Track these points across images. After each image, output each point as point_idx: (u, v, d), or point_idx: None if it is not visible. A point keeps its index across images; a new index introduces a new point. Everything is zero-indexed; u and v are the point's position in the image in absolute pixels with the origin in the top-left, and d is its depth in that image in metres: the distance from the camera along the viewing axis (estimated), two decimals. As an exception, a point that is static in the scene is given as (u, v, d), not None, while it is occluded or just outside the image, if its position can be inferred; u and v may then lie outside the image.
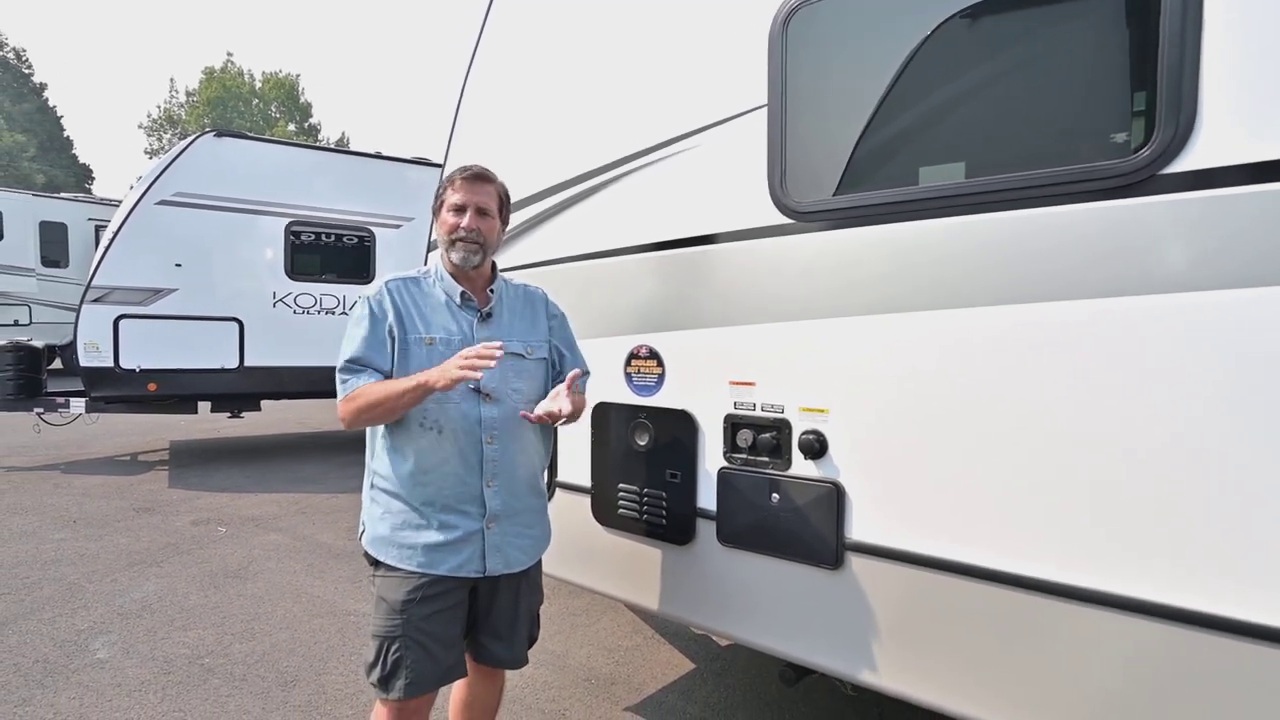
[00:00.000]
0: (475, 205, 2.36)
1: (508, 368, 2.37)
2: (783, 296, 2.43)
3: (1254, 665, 1.66)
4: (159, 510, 7.14)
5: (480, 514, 2.33)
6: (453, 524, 2.30)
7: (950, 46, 2.13)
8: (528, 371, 2.45)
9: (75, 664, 3.96)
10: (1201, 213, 1.70)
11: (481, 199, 2.38)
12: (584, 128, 3.11)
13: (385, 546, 2.33)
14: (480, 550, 2.33)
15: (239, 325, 9.27)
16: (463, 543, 2.30)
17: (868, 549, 2.27)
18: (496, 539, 2.35)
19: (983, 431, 2.03)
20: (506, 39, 3.50)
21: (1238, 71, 1.67)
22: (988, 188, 2.00)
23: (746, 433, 2.52)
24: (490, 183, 2.43)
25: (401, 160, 10.81)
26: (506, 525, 2.38)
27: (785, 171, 2.39)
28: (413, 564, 2.29)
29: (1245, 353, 1.65)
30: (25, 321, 16.02)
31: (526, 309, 2.54)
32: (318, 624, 4.54)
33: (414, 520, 2.31)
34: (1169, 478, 1.75)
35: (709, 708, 3.61)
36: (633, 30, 2.95)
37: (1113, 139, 1.86)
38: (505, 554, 2.37)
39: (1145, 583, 1.78)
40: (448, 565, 2.29)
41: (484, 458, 2.32)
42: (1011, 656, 2.00)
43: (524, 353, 2.44)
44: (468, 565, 2.31)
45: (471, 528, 2.32)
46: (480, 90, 3.61)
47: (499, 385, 2.35)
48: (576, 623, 4.62)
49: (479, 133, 3.61)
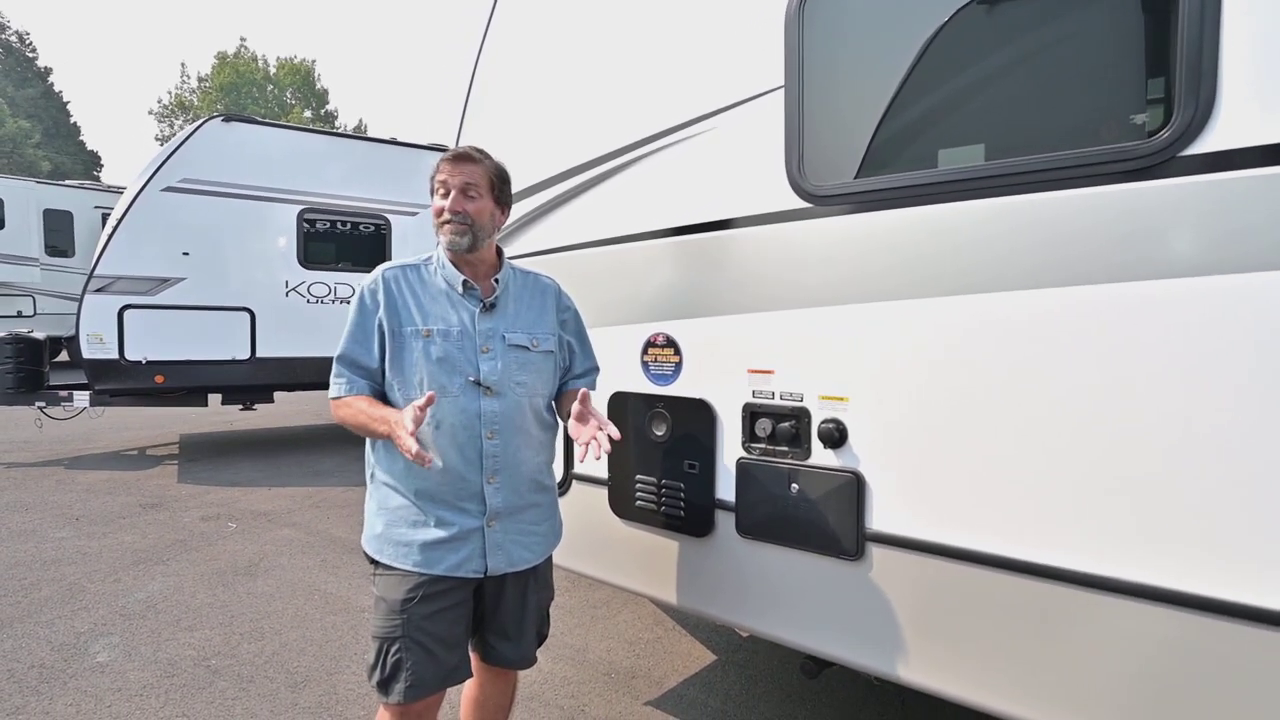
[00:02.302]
0: (459, 185, 2.31)
1: (511, 360, 2.35)
2: (801, 282, 2.47)
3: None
4: (166, 506, 7.18)
5: (480, 511, 2.31)
6: (451, 521, 2.29)
7: (966, 28, 2.17)
8: (533, 364, 2.41)
9: (74, 668, 3.94)
10: (1222, 194, 1.74)
11: (465, 178, 2.32)
12: (597, 111, 3.15)
13: (382, 544, 2.33)
14: (481, 548, 2.32)
15: (250, 315, 9.40)
16: (460, 541, 2.29)
17: (889, 539, 2.32)
18: (498, 537, 2.34)
19: (1005, 418, 2.07)
20: (517, 23, 3.56)
21: (1258, 52, 1.71)
22: (1010, 170, 2.04)
23: (765, 422, 2.57)
24: (476, 162, 2.36)
25: (417, 146, 10.92)
26: (509, 523, 2.36)
27: (803, 155, 2.44)
28: (409, 562, 2.28)
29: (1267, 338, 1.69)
30: (29, 313, 16.14)
31: (535, 299, 2.52)
32: (330, 622, 4.56)
33: (410, 516, 2.30)
34: (1193, 464, 1.79)
35: (730, 700, 3.67)
36: (646, 11, 3.00)
37: (1132, 121, 1.90)
38: (508, 552, 2.37)
39: (1172, 572, 1.82)
40: (446, 564, 2.28)
41: (484, 453, 2.30)
42: (1036, 648, 2.05)
43: (529, 345, 2.41)
44: (467, 564, 2.30)
45: (470, 525, 2.30)
46: (491, 75, 3.67)
47: (501, 378, 2.33)
48: (597, 615, 4.68)
49: (490, 117, 3.67)
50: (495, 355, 2.33)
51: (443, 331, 2.30)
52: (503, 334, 2.37)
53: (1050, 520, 2.00)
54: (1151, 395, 1.83)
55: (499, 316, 2.39)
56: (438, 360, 2.27)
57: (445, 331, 2.31)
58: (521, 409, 2.36)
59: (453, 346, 2.29)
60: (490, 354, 2.33)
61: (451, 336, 2.30)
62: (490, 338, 2.34)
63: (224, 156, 9.24)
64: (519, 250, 3.36)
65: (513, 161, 2.52)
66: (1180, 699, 1.84)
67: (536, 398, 2.42)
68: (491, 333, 2.35)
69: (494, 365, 2.31)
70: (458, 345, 2.30)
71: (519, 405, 2.35)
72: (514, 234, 3.44)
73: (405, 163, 10.64)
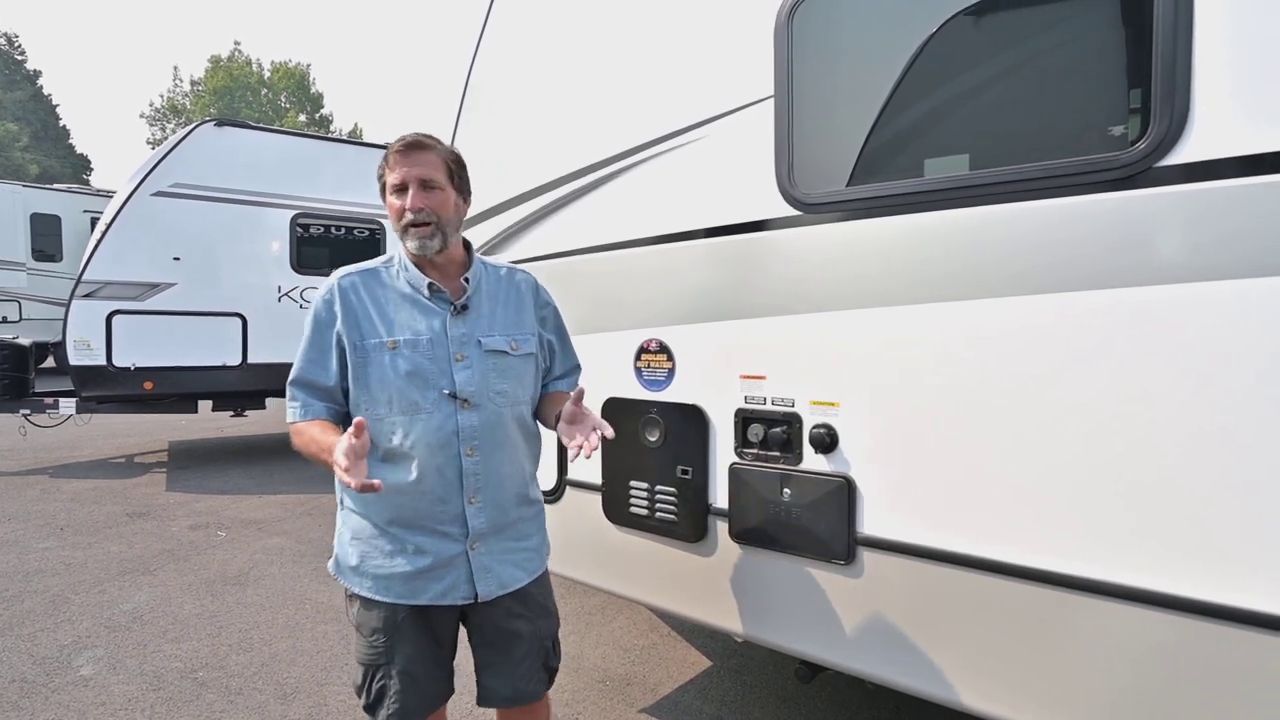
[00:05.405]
0: (417, 179, 2.10)
1: (489, 368, 2.18)
2: (791, 289, 2.53)
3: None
4: (154, 515, 7.15)
5: (463, 534, 2.15)
6: (429, 548, 2.13)
7: (951, 40, 2.24)
8: (513, 371, 2.24)
9: (56, 682, 3.90)
10: (1198, 204, 1.81)
11: (422, 170, 2.11)
12: (590, 118, 3.21)
13: (356, 578, 2.20)
14: (467, 574, 2.17)
15: (242, 320, 9.43)
16: (444, 568, 2.15)
17: (879, 544, 2.37)
18: (484, 559, 2.19)
19: (994, 422, 2.13)
20: (511, 31, 3.61)
21: (1231, 66, 1.78)
22: (994, 179, 2.10)
23: (758, 427, 2.63)
24: (429, 149, 2.14)
25: None
26: (494, 543, 2.21)
27: (793, 163, 2.50)
28: (390, 595, 2.15)
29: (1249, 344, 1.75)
30: (15, 318, 16.16)
31: (511, 296, 2.33)
32: (321, 631, 4.56)
33: (385, 546, 2.15)
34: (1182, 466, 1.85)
35: (725, 706, 3.71)
36: (639, 21, 3.06)
37: (1111, 132, 1.97)
38: (498, 574, 2.21)
39: (1164, 576, 1.87)
40: (430, 594, 2.15)
41: (464, 472, 2.13)
42: (1027, 652, 2.10)
43: (507, 349, 2.23)
44: (454, 592, 2.16)
45: (452, 551, 2.15)
46: (485, 81, 3.73)
47: (479, 388, 2.15)
48: (591, 622, 4.70)
49: (484, 123, 3.72)
50: (471, 364, 2.16)
51: (410, 341, 2.12)
52: (478, 339, 2.19)
53: (1040, 524, 2.05)
54: (1138, 399, 1.89)
55: (473, 319, 2.21)
56: (407, 374, 2.10)
57: (413, 341, 2.13)
58: (503, 421, 2.20)
59: (422, 358, 2.12)
60: (465, 362, 2.15)
61: (421, 346, 2.12)
62: (465, 344, 2.17)
63: (216, 161, 9.28)
64: (512, 257, 3.40)
65: (506, 168, 2.55)
66: (1172, 703, 1.89)
67: (519, 406, 2.26)
68: (466, 339, 2.17)
69: (470, 375, 2.14)
70: (428, 356, 2.12)
71: (499, 417, 2.19)
72: (506, 241, 3.49)
73: (400, 168, 10.62)
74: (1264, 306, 1.71)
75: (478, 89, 3.74)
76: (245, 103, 48.51)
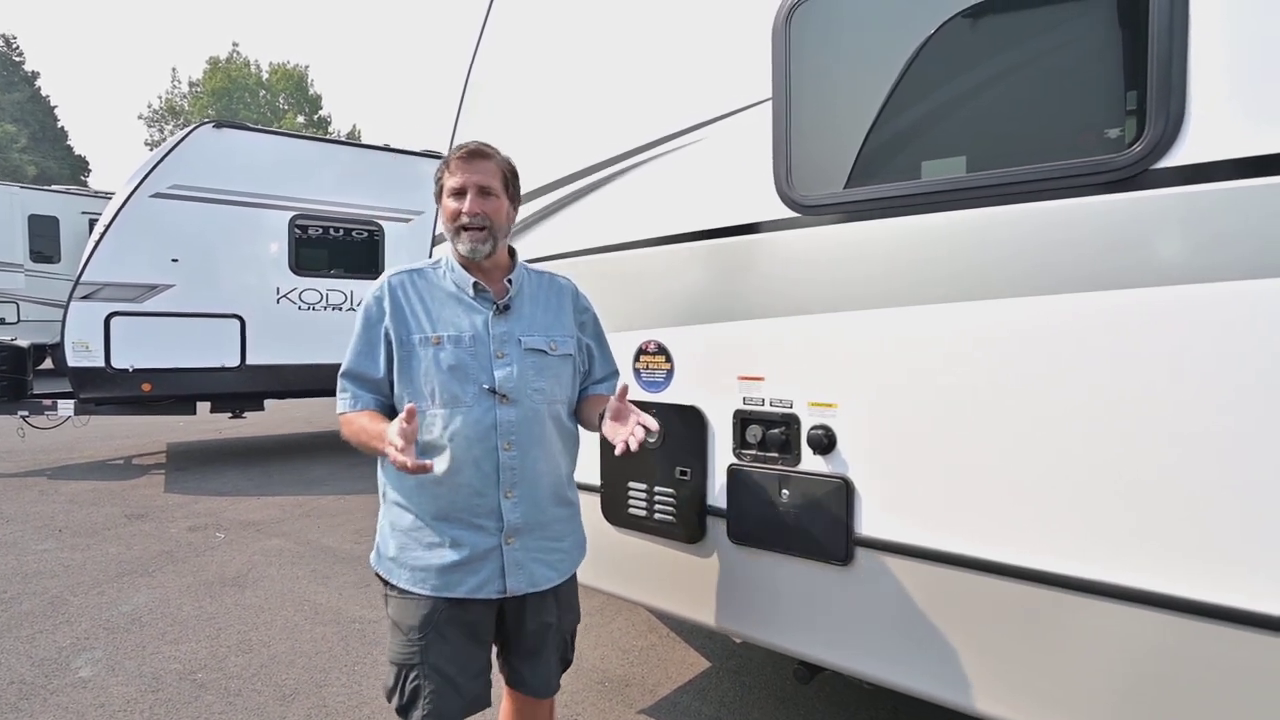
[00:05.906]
0: (476, 185, 2.21)
1: (527, 365, 2.25)
2: (789, 291, 2.54)
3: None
4: (153, 516, 7.14)
5: (498, 528, 2.20)
6: (466, 541, 2.18)
7: (949, 43, 2.26)
8: (551, 369, 2.30)
9: (54, 684, 3.90)
10: (1195, 206, 1.82)
11: (481, 177, 2.22)
12: (589, 120, 3.23)
13: (395, 568, 2.25)
14: (500, 568, 2.21)
15: (240, 322, 9.42)
16: (479, 561, 2.19)
17: (878, 544, 2.38)
18: (518, 555, 2.23)
19: (992, 423, 2.14)
20: (510, 32, 3.63)
21: (1226, 68, 1.79)
22: (992, 181, 2.11)
23: (756, 428, 2.63)
24: (489, 158, 2.26)
25: (410, 153, 11.01)
26: (529, 539, 2.25)
27: (790, 165, 2.51)
28: (426, 587, 2.19)
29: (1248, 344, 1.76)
30: (13, 320, 16.11)
31: (552, 299, 2.41)
32: (320, 632, 4.56)
33: (424, 538, 2.20)
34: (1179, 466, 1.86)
35: (724, 707, 3.72)
36: (637, 24, 3.07)
37: (1110, 134, 1.98)
38: (529, 571, 2.26)
39: (1163, 576, 1.88)
40: (466, 587, 2.19)
41: (500, 465, 2.19)
42: (1025, 652, 2.11)
43: (546, 348, 2.30)
44: (487, 586, 2.20)
45: (488, 544, 2.20)
46: (484, 83, 3.74)
47: (517, 384, 2.22)
48: (590, 623, 4.68)
49: (483, 125, 3.69)
50: (511, 361, 2.23)
51: (454, 338, 2.21)
52: (519, 338, 2.26)
53: (1039, 524, 2.06)
54: (1137, 400, 1.90)
55: (514, 319, 2.29)
56: (449, 369, 2.17)
57: (456, 338, 2.21)
58: (540, 417, 2.26)
59: (465, 353, 2.19)
60: (505, 359, 2.22)
61: (463, 342, 2.21)
62: (505, 342, 2.24)
63: (215, 163, 9.28)
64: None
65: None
66: (1174, 703, 1.90)
67: (556, 405, 2.32)
68: (506, 336, 2.25)
69: (510, 371, 2.21)
70: (470, 352, 2.20)
71: (537, 413, 2.25)
72: (510, 239, 3.47)
73: (398, 169, 10.72)
74: (1261, 307, 1.73)
75: (476, 90, 3.75)
76: (244, 104, 48.55)
